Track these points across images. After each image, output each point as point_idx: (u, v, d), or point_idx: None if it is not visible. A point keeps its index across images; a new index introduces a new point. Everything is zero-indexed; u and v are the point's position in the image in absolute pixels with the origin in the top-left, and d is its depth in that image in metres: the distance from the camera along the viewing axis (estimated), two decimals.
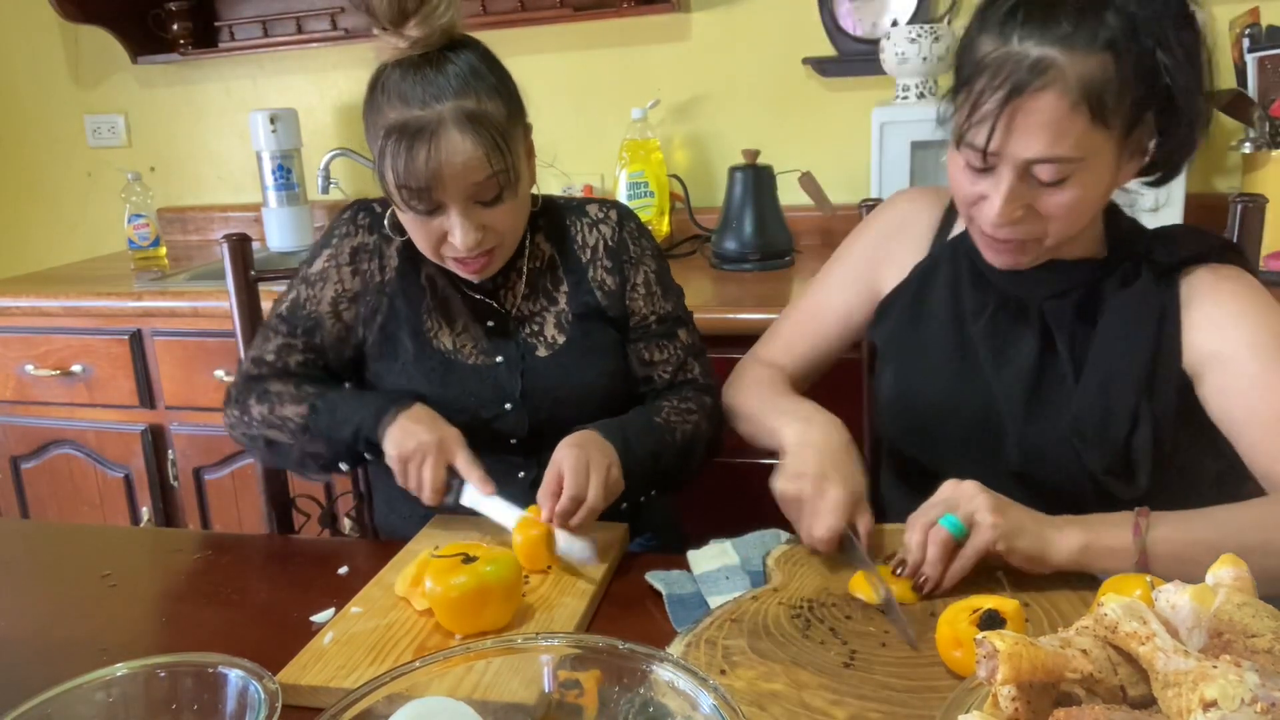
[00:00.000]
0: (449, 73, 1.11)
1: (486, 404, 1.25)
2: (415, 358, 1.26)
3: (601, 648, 0.72)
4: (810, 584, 0.98)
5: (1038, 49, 0.94)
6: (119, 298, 2.20)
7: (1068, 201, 0.99)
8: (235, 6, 2.69)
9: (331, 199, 2.63)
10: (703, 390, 1.29)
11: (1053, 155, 0.96)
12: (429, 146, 1.09)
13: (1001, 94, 0.95)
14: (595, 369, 1.28)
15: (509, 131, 1.14)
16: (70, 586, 1.14)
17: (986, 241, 1.07)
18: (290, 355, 1.29)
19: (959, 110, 1.01)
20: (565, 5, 2.33)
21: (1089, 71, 0.94)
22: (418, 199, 1.13)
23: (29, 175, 3.00)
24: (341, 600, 1.02)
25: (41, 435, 2.35)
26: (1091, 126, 0.95)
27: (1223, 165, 2.10)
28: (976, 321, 1.13)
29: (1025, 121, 0.95)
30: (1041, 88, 0.94)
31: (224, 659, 0.75)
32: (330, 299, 1.28)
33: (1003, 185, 0.99)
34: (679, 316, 1.33)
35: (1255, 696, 0.55)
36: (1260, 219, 1.32)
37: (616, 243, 1.30)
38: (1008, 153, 0.98)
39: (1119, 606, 0.64)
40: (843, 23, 2.25)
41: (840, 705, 0.79)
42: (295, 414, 1.21)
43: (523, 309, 1.29)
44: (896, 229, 1.25)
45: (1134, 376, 1.05)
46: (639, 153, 2.28)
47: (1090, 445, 1.05)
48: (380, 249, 1.29)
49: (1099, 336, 1.07)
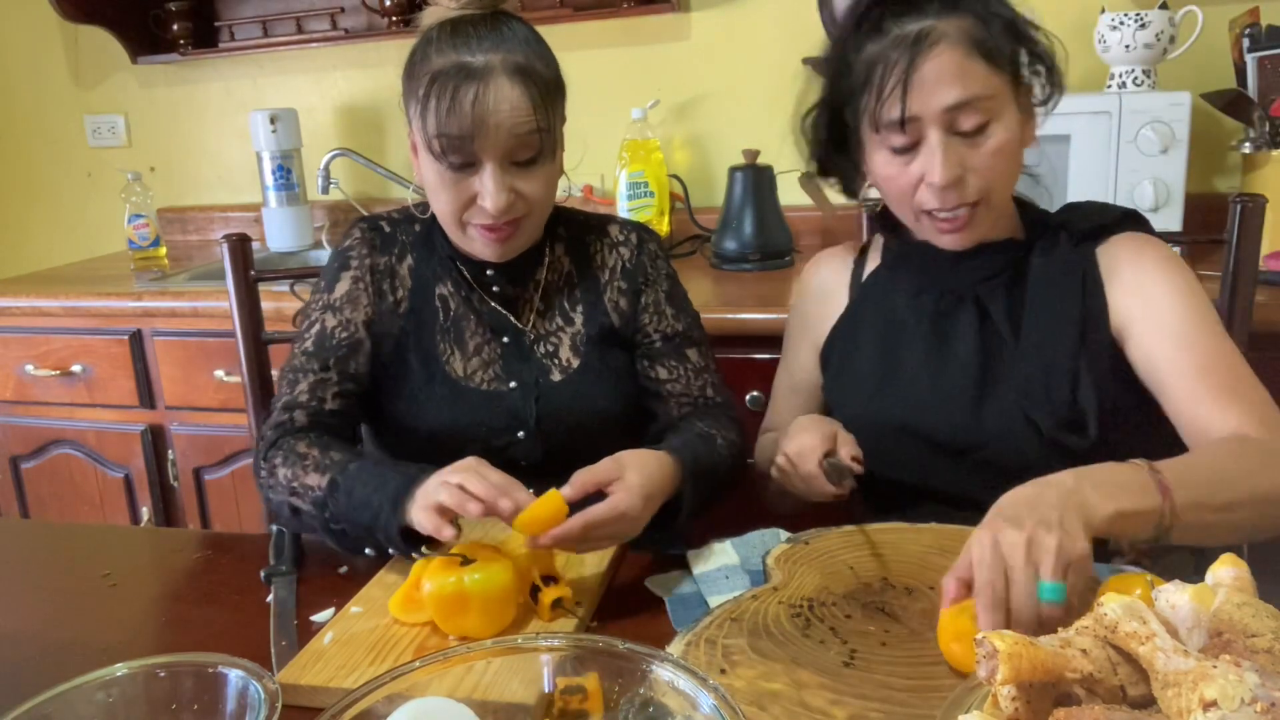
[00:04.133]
0: (503, 30, 1.13)
1: (498, 432, 1.22)
2: (424, 384, 1.22)
3: (601, 648, 0.72)
4: (810, 583, 0.98)
5: (914, 24, 1.06)
6: (119, 298, 2.20)
7: (995, 148, 1.07)
8: (235, 6, 2.69)
9: (331, 199, 2.63)
10: (731, 416, 1.27)
11: (968, 96, 1.05)
12: (477, 90, 1.08)
13: (902, 63, 1.05)
14: (610, 394, 1.26)
15: (553, 96, 1.15)
16: (70, 586, 1.14)
17: (937, 226, 1.12)
18: (325, 391, 1.20)
19: (864, 109, 1.09)
20: (565, 5, 2.33)
21: (967, 26, 1.05)
22: (455, 149, 1.11)
23: (29, 175, 3.00)
24: (341, 600, 1.02)
25: (41, 435, 2.35)
26: (989, 70, 1.05)
27: (1223, 165, 2.10)
28: (920, 319, 1.19)
29: (932, 75, 1.04)
30: (934, 43, 1.05)
31: (224, 659, 0.75)
32: (363, 321, 1.23)
33: (935, 143, 1.07)
34: (690, 337, 1.30)
35: (1255, 696, 0.55)
36: (1260, 219, 1.32)
37: (634, 265, 1.29)
38: (926, 110, 1.05)
39: (1119, 606, 0.64)
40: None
41: (840, 705, 0.79)
42: (317, 485, 1.09)
43: (539, 327, 1.26)
44: (816, 294, 1.33)
45: (1067, 335, 1.11)
46: (639, 153, 2.28)
47: (1037, 404, 1.09)
48: (393, 269, 1.26)
49: (1029, 304, 1.14)
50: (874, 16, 1.08)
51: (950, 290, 1.18)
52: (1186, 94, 1.80)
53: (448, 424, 1.20)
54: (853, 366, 1.25)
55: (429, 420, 1.21)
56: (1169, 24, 1.88)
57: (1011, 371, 1.12)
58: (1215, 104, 1.85)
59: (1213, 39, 1.91)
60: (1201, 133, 1.98)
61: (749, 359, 1.77)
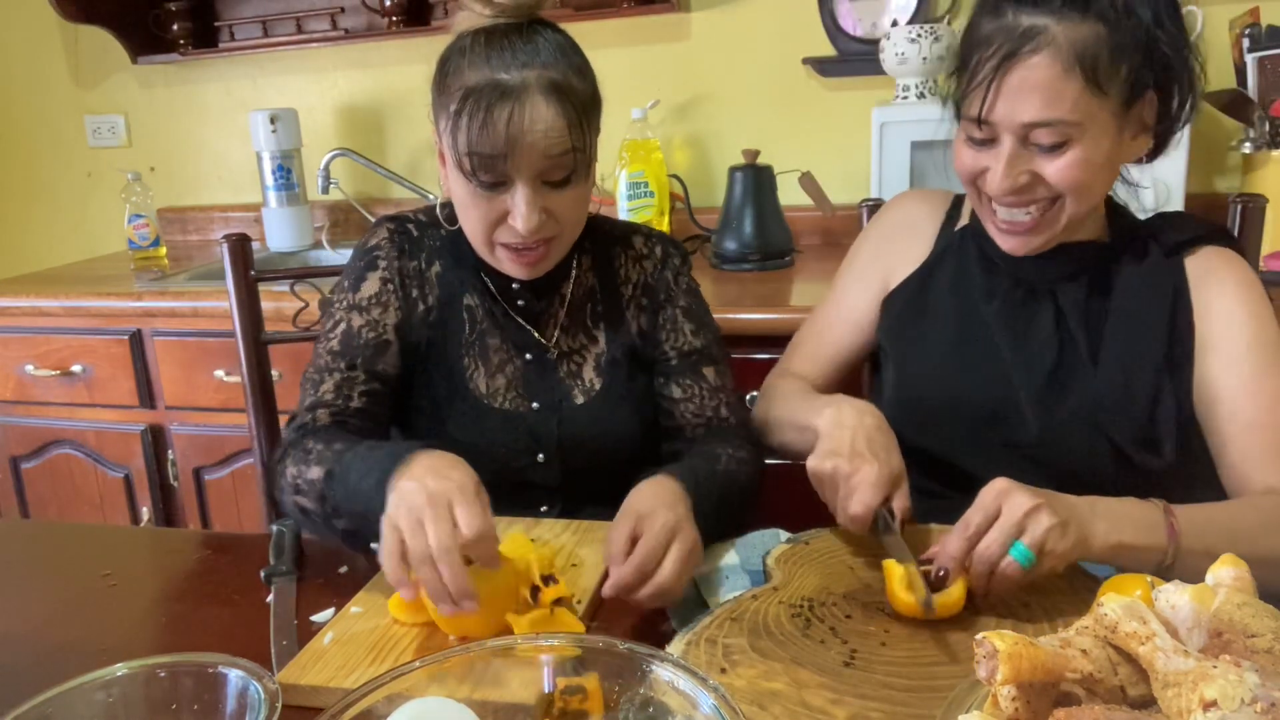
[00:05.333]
0: (538, 43, 1.08)
1: (518, 454, 1.19)
2: (446, 399, 1.19)
3: (601, 648, 0.72)
4: (810, 583, 0.98)
5: (1029, 19, 0.99)
6: (119, 298, 2.20)
7: (1069, 165, 1.01)
8: (235, 6, 2.69)
9: (331, 199, 2.63)
10: (745, 437, 1.21)
11: (1048, 118, 0.99)
12: (511, 109, 1.03)
13: (995, 61, 0.99)
14: (632, 417, 1.23)
15: (590, 114, 1.10)
16: (70, 586, 1.14)
17: (998, 225, 1.09)
18: (352, 390, 1.17)
19: (960, 86, 1.05)
20: (566, 5, 2.33)
21: (1081, 37, 0.97)
22: (487, 169, 1.06)
23: (29, 175, 3.00)
24: (341, 600, 1.02)
25: (41, 435, 2.35)
26: (1086, 91, 0.98)
27: (1223, 165, 2.10)
28: (990, 304, 1.15)
29: (1019, 85, 0.99)
30: (1033, 51, 0.98)
31: (224, 659, 0.75)
32: (393, 325, 1.20)
33: (1003, 151, 1.02)
34: (709, 354, 1.26)
35: (1255, 696, 0.55)
36: (1260, 219, 1.32)
37: (656, 280, 1.26)
38: (1004, 117, 1.01)
39: (1119, 606, 0.64)
40: (843, 23, 2.25)
41: (840, 704, 0.78)
42: (317, 478, 1.04)
43: (562, 344, 1.23)
44: (901, 228, 1.26)
45: (1153, 353, 1.07)
46: (639, 153, 2.28)
47: (1115, 420, 1.07)
48: (422, 274, 1.22)
49: (1114, 315, 1.10)
50: None
51: (1024, 282, 1.14)
52: None
53: (466, 443, 1.13)
54: (920, 326, 1.19)
55: (448, 436, 1.18)
56: None
57: (1084, 378, 1.09)
58: (1215, 104, 1.86)
59: (1213, 39, 1.91)
60: (1201, 133, 1.98)
61: (749, 359, 1.77)
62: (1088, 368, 1.09)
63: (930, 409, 1.17)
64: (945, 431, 1.16)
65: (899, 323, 1.22)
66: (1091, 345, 1.09)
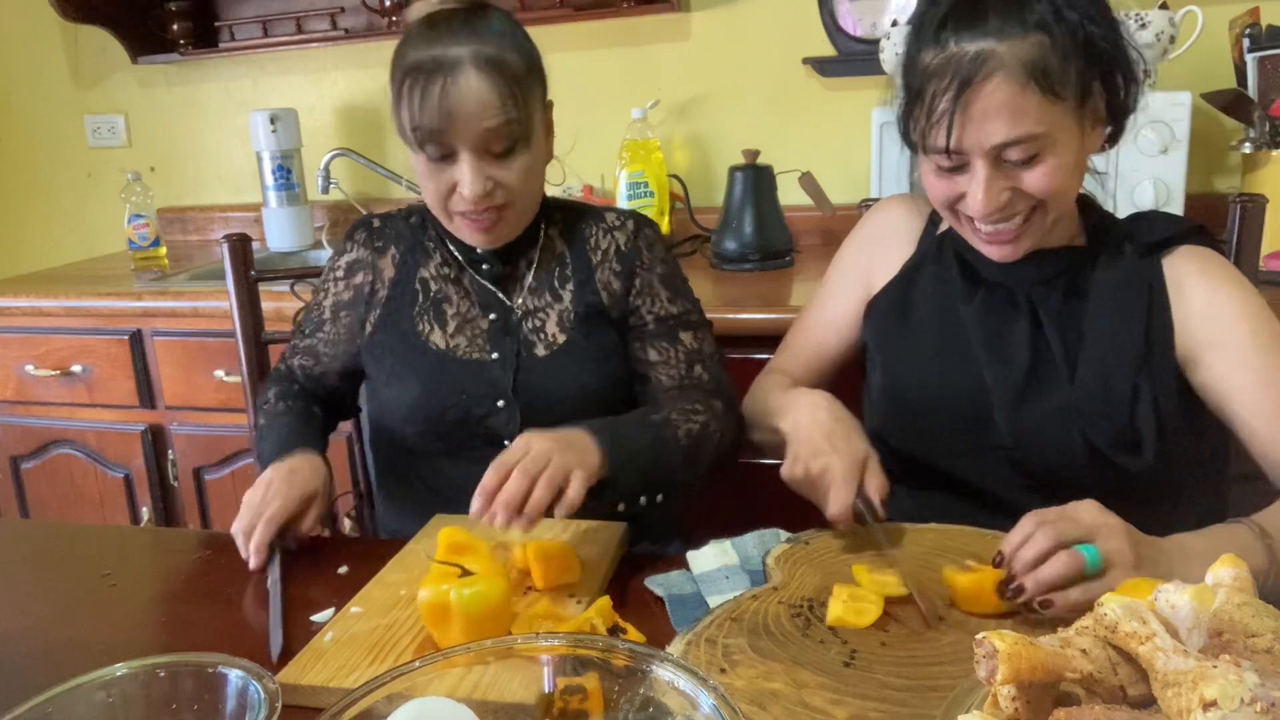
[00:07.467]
0: (474, 23, 1.15)
1: (479, 400, 1.25)
2: (403, 356, 1.28)
3: (601, 648, 0.72)
4: (810, 583, 0.98)
5: (973, 45, 0.99)
6: (119, 298, 2.21)
7: (1046, 174, 1.02)
8: (235, 6, 2.69)
9: (331, 199, 2.63)
10: (711, 393, 1.25)
11: (1017, 135, 0.99)
12: (443, 84, 1.11)
13: (952, 91, 0.99)
14: (594, 371, 1.27)
15: (526, 86, 1.17)
16: (70, 586, 1.14)
17: (981, 237, 1.09)
18: (295, 356, 1.38)
19: (915, 121, 1.05)
20: (565, 5, 2.32)
21: (1027, 52, 0.98)
22: (431, 141, 1.14)
23: (29, 175, 3.00)
24: (341, 600, 1.02)
25: (41, 435, 2.35)
26: (1045, 101, 0.99)
27: (1223, 165, 2.10)
28: (968, 305, 1.16)
29: (983, 111, 0.99)
30: (987, 75, 0.98)
31: (224, 659, 0.75)
32: (330, 305, 1.35)
33: (979, 176, 1.02)
34: (687, 320, 1.31)
35: (1255, 696, 0.55)
36: (1260, 219, 1.32)
37: (630, 249, 1.31)
38: (973, 144, 1.01)
39: (1119, 606, 0.64)
40: (842, 22, 2.25)
41: (840, 704, 0.79)
42: (256, 422, 1.31)
43: (528, 303, 1.29)
44: (884, 232, 1.29)
45: (1130, 353, 1.08)
46: (639, 153, 2.28)
47: (1093, 422, 1.07)
48: (374, 263, 1.33)
49: (1090, 316, 1.10)
50: (937, 24, 1.02)
51: (1001, 287, 1.14)
52: (1187, 94, 1.80)
53: (429, 392, 1.25)
54: (902, 329, 1.20)
55: (410, 388, 1.26)
56: (1169, 24, 1.87)
57: (1061, 380, 1.09)
58: (1215, 104, 1.85)
59: (1213, 39, 1.91)
60: (1201, 133, 1.98)
61: (749, 359, 1.77)
62: (1063, 371, 1.09)
63: (914, 411, 1.18)
64: (929, 432, 1.17)
65: (883, 325, 1.24)
66: (1068, 349, 1.10)
